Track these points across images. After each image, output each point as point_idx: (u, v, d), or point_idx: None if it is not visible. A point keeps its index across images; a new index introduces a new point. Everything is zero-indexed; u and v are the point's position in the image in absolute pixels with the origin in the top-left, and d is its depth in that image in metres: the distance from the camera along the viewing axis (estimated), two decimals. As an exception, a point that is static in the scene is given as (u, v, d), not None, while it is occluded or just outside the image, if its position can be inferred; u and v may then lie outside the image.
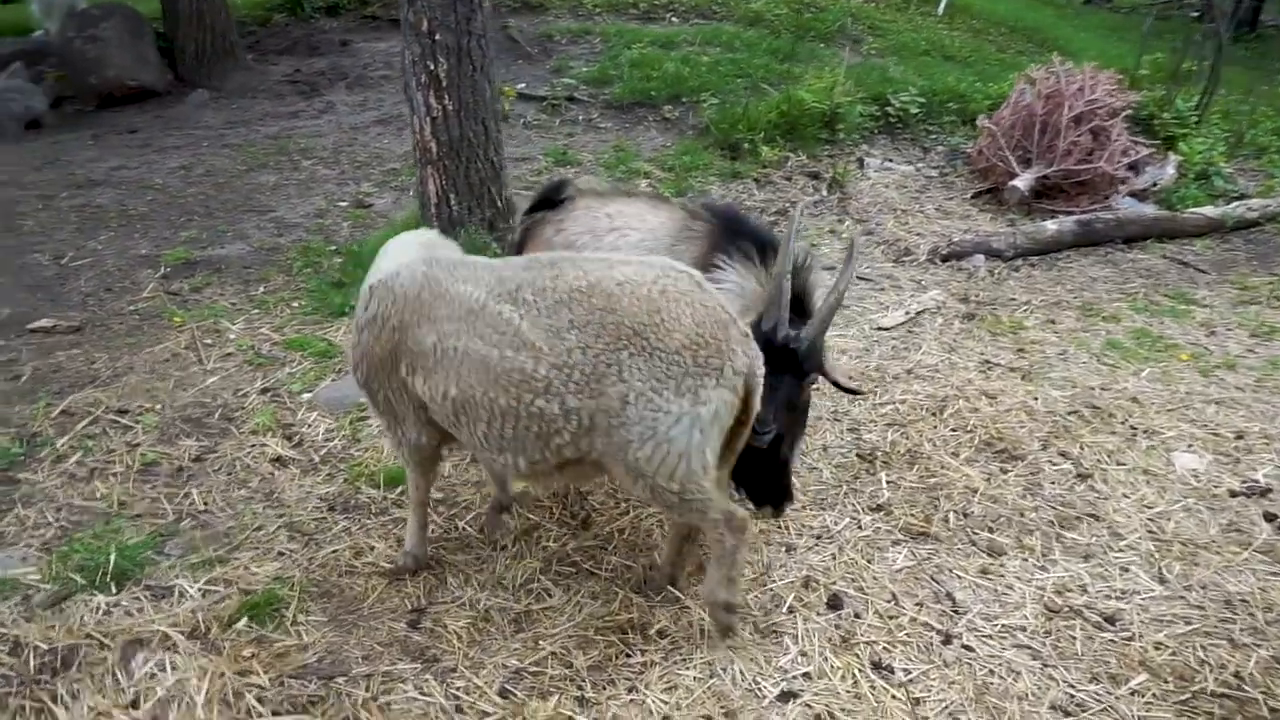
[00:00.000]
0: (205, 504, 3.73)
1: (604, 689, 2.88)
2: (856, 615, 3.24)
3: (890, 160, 8.62)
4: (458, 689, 2.86)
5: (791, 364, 3.08)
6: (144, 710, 2.70)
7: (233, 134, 8.87)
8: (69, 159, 8.03)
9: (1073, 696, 2.93)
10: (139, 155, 8.21)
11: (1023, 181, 7.58)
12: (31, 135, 8.85)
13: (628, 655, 3.02)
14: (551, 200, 3.88)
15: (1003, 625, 3.22)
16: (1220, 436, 4.49)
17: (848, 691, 2.90)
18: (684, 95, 9.10)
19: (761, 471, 3.29)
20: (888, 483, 4.01)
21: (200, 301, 5.56)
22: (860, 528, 3.72)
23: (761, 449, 3.05)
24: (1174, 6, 18.28)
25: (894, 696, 2.89)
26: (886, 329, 5.59)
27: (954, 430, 4.43)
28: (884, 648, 3.09)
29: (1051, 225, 7.22)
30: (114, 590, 3.16)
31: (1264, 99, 10.68)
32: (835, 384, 3.32)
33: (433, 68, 5.34)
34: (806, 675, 2.96)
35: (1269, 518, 3.86)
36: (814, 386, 3.32)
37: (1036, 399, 4.74)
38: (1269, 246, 7.44)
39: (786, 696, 2.86)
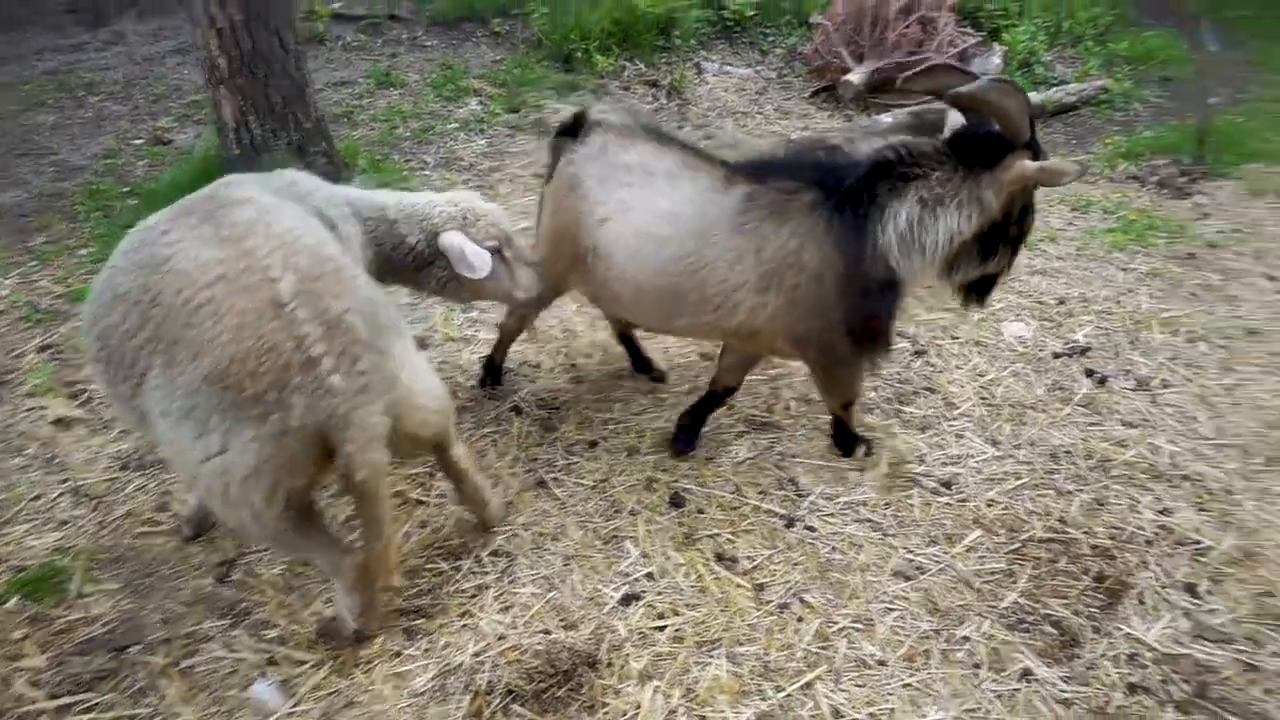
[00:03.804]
0: (-30, 478, 3.26)
1: (435, 618, 2.69)
2: (700, 511, 3.16)
3: (729, 64, 8.45)
4: (270, 639, 2.61)
5: None
6: (-112, 715, 2.33)
7: (3, 72, 7.81)
8: None
9: (912, 561, 2.95)
10: (-116, 102, 7.11)
11: (856, 76, 7.58)
12: None
13: (459, 580, 2.84)
14: (572, 130, 3.22)
15: (844, 503, 3.21)
16: (1044, 304, 4.63)
17: (691, 586, 2.82)
18: (512, 7, 8.62)
19: None
20: (730, 378, 3.93)
21: (-36, 258, 4.87)
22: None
23: None
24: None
25: (738, 585, 2.83)
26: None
27: (796, 321, 4.39)
28: (727, 539, 3.02)
29: (886, 118, 7.25)
30: None
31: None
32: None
33: (212, -29, 4.75)
34: (649, 576, 2.86)
35: (1089, 373, 4.02)
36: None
37: (874, 284, 4.76)
38: (1085, 128, 7.74)
39: (629, 599, 2.76)
